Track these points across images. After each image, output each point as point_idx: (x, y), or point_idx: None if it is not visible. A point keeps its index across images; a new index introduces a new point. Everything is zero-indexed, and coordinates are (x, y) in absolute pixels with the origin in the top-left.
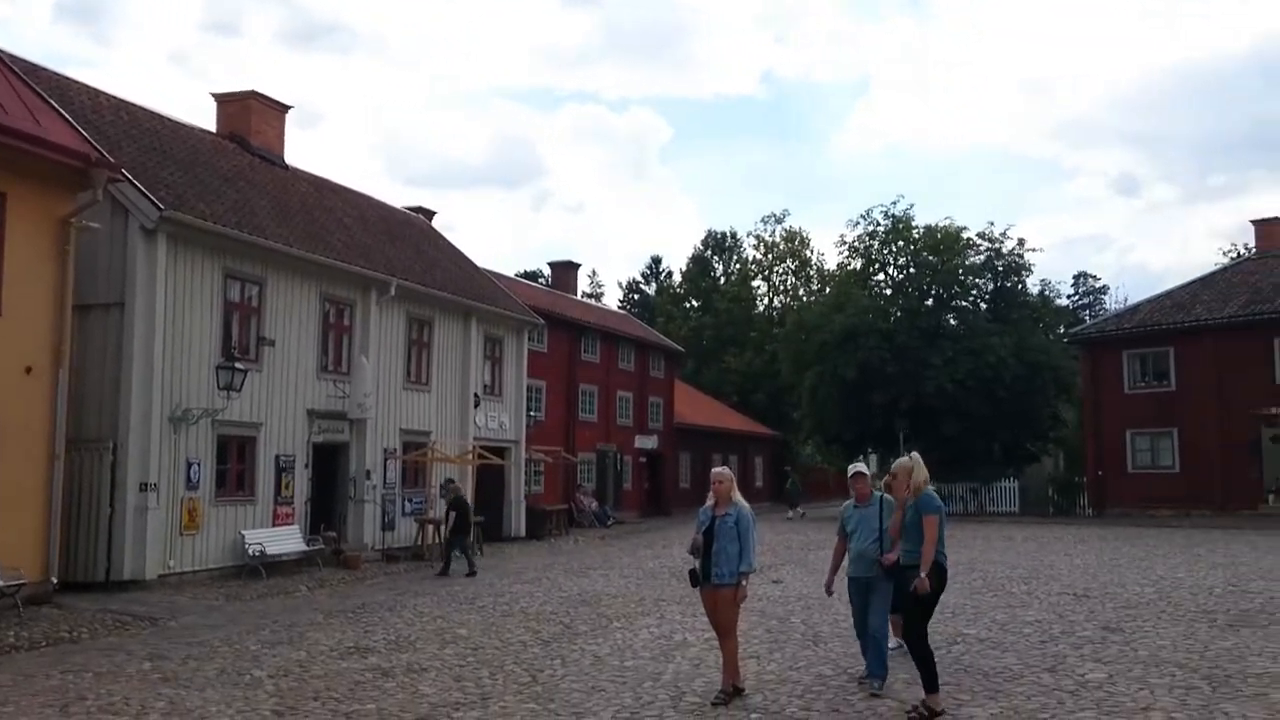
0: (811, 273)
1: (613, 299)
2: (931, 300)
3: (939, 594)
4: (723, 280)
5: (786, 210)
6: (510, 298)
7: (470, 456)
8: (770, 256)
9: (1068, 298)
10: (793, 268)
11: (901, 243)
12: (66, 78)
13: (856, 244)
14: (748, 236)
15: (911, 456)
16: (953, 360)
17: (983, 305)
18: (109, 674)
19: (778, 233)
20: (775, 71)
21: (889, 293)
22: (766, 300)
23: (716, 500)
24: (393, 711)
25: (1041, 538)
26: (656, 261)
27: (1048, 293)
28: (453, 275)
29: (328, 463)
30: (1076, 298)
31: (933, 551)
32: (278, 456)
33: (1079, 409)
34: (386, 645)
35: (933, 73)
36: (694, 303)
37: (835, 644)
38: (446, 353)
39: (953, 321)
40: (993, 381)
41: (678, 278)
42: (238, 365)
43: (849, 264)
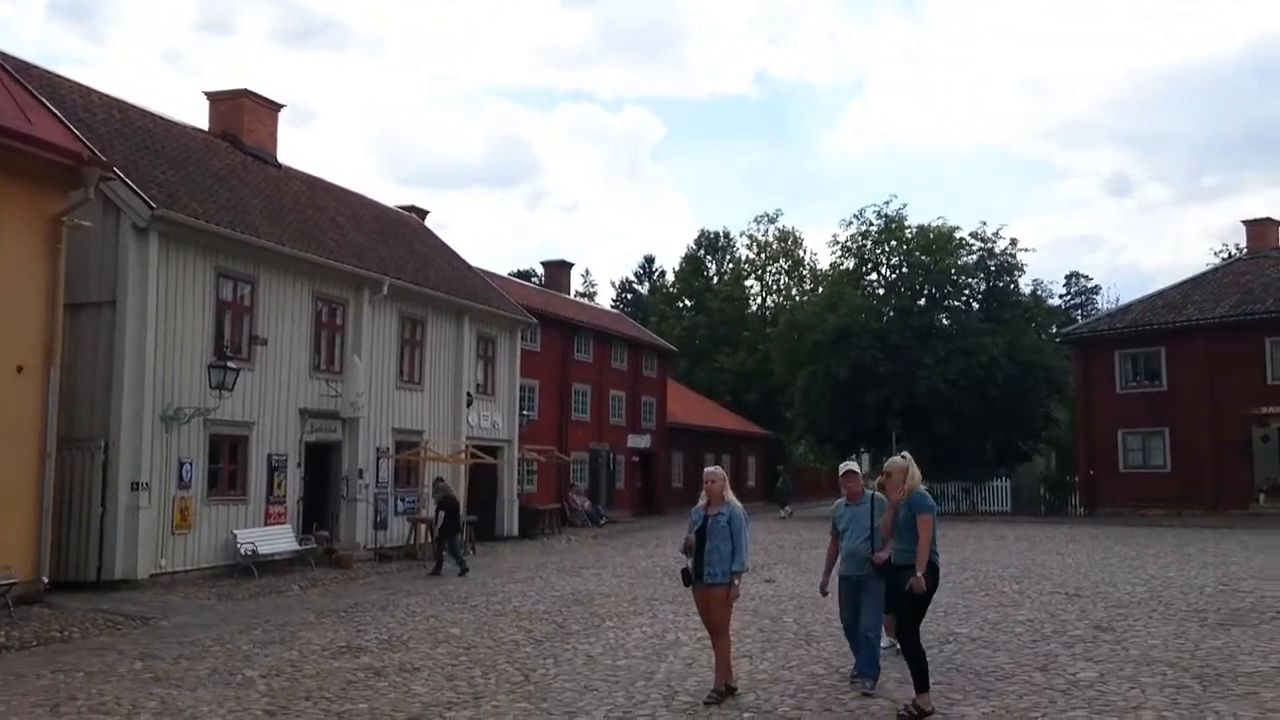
0: (804, 272)
1: (606, 298)
2: (924, 300)
3: (932, 593)
4: (716, 280)
5: (780, 210)
6: (503, 297)
7: (463, 456)
8: (763, 256)
9: (1060, 298)
10: (786, 267)
11: (894, 242)
12: (58, 76)
13: (849, 244)
14: (741, 236)
15: (904, 456)
16: (945, 360)
17: (975, 305)
18: (100, 674)
19: (771, 232)
20: (769, 72)
21: (882, 292)
22: (759, 300)
23: (709, 499)
24: (385, 711)
25: (1033, 537)
26: (650, 261)
27: (1040, 293)
28: (446, 274)
29: (320, 462)
30: (1069, 298)
31: (928, 551)
32: (270, 455)
33: (1071, 409)
34: (379, 644)
35: (926, 73)
36: (687, 302)
37: (828, 643)
38: (439, 352)
39: (945, 321)
40: (985, 381)
41: (671, 277)
42: (230, 364)
43: (842, 264)
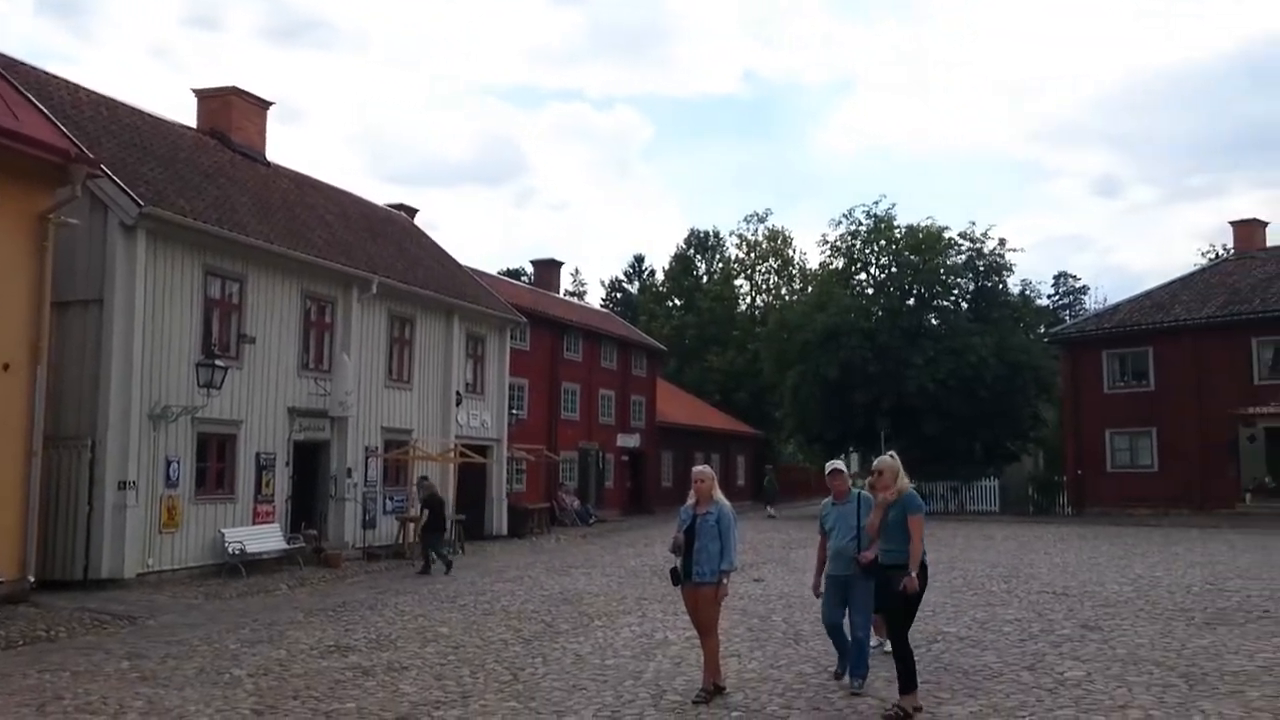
0: (794, 272)
1: (595, 297)
2: (913, 300)
3: (922, 593)
4: (705, 279)
5: (769, 209)
6: (492, 296)
7: (452, 455)
8: (753, 255)
9: (1048, 298)
10: (775, 267)
11: (883, 242)
12: (46, 73)
13: (838, 243)
14: (730, 235)
15: (892, 456)
16: (934, 360)
17: (964, 305)
18: (86, 673)
19: (760, 232)
20: (757, 71)
21: (871, 292)
22: (749, 299)
23: (698, 499)
24: (373, 710)
25: (1021, 536)
26: (639, 260)
27: (1028, 293)
28: (435, 273)
29: (308, 461)
30: (1057, 298)
31: (920, 551)
32: (258, 454)
33: (1059, 408)
34: (367, 644)
35: (915, 73)
36: (676, 301)
37: (816, 642)
38: (428, 351)
39: (934, 321)
40: (974, 381)
41: (660, 276)
42: (218, 362)
43: (831, 263)
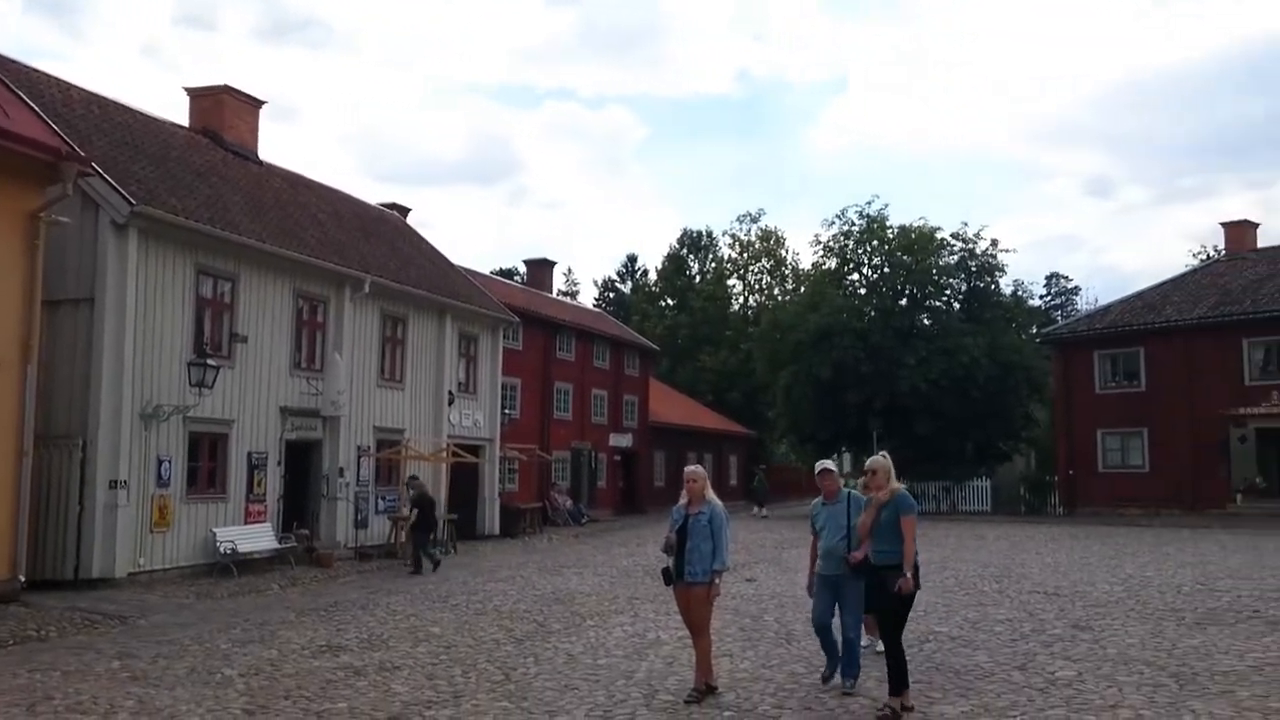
0: (786, 272)
1: (588, 297)
2: (905, 300)
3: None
4: (698, 279)
5: (762, 209)
6: (485, 295)
7: (444, 454)
8: (745, 255)
9: (1040, 298)
10: (768, 267)
11: (876, 242)
12: (37, 70)
13: (831, 244)
14: (723, 235)
15: (884, 456)
16: (926, 360)
17: (956, 305)
18: (77, 673)
19: (753, 232)
20: (750, 71)
21: (863, 292)
22: (742, 299)
23: (690, 498)
24: (365, 710)
25: (1013, 536)
26: (632, 260)
27: (1021, 293)
28: (427, 272)
29: (300, 460)
30: (1049, 298)
31: (914, 552)
32: (250, 454)
33: (1051, 409)
34: (359, 643)
35: (908, 73)
36: (669, 301)
37: (808, 642)
38: (421, 350)
39: (926, 321)
40: (966, 381)
41: (653, 276)
42: (210, 362)
43: (824, 263)
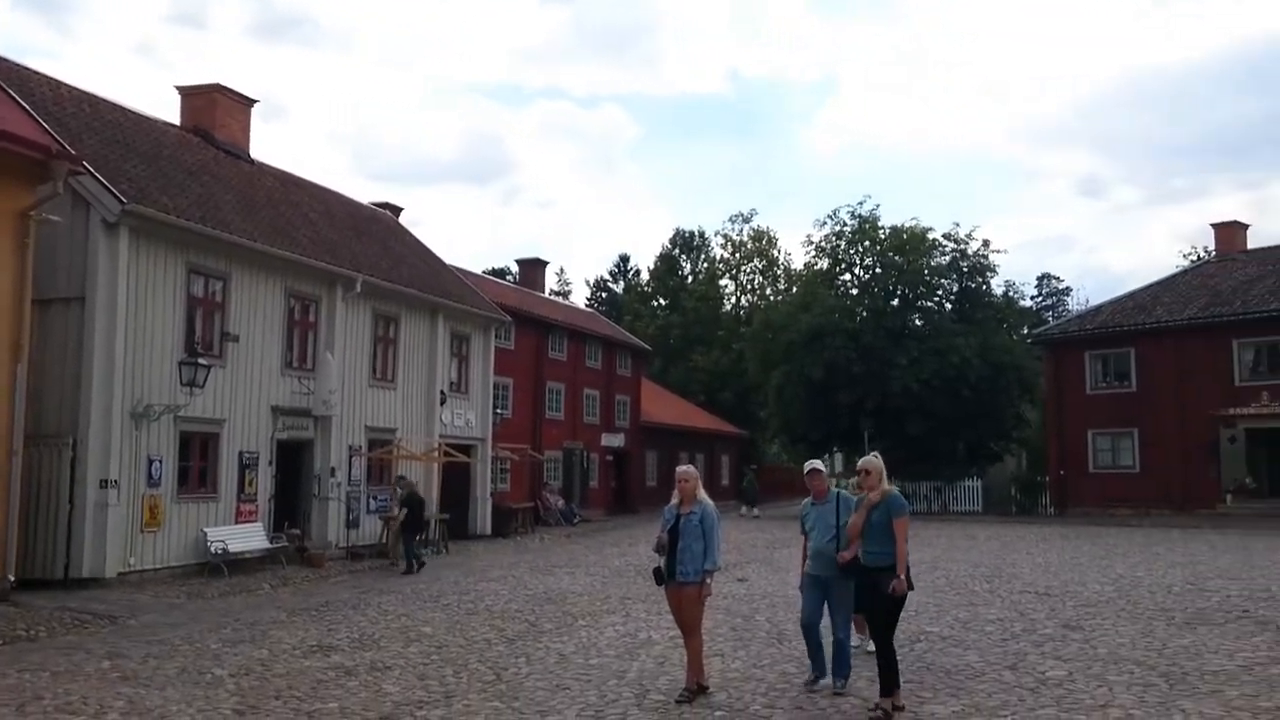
0: (779, 272)
1: (580, 297)
2: (897, 300)
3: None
4: (690, 279)
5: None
6: (477, 295)
7: (436, 454)
8: (738, 256)
9: (1031, 299)
10: (760, 267)
11: (868, 243)
12: (27, 68)
13: (823, 244)
14: (715, 235)
15: (877, 456)
16: (918, 360)
17: (948, 306)
18: (67, 673)
19: (745, 232)
20: (742, 70)
21: (855, 293)
22: (734, 299)
23: (682, 498)
24: (356, 710)
25: (1004, 537)
26: (624, 260)
27: (1012, 293)
28: (419, 272)
29: (292, 460)
30: (1040, 299)
31: (906, 553)
32: (241, 453)
33: (1042, 409)
34: (350, 643)
35: (901, 74)
36: (661, 301)
37: (799, 642)
38: (412, 350)
39: (918, 322)
40: (957, 381)
41: (645, 276)
42: (201, 361)
43: (816, 264)
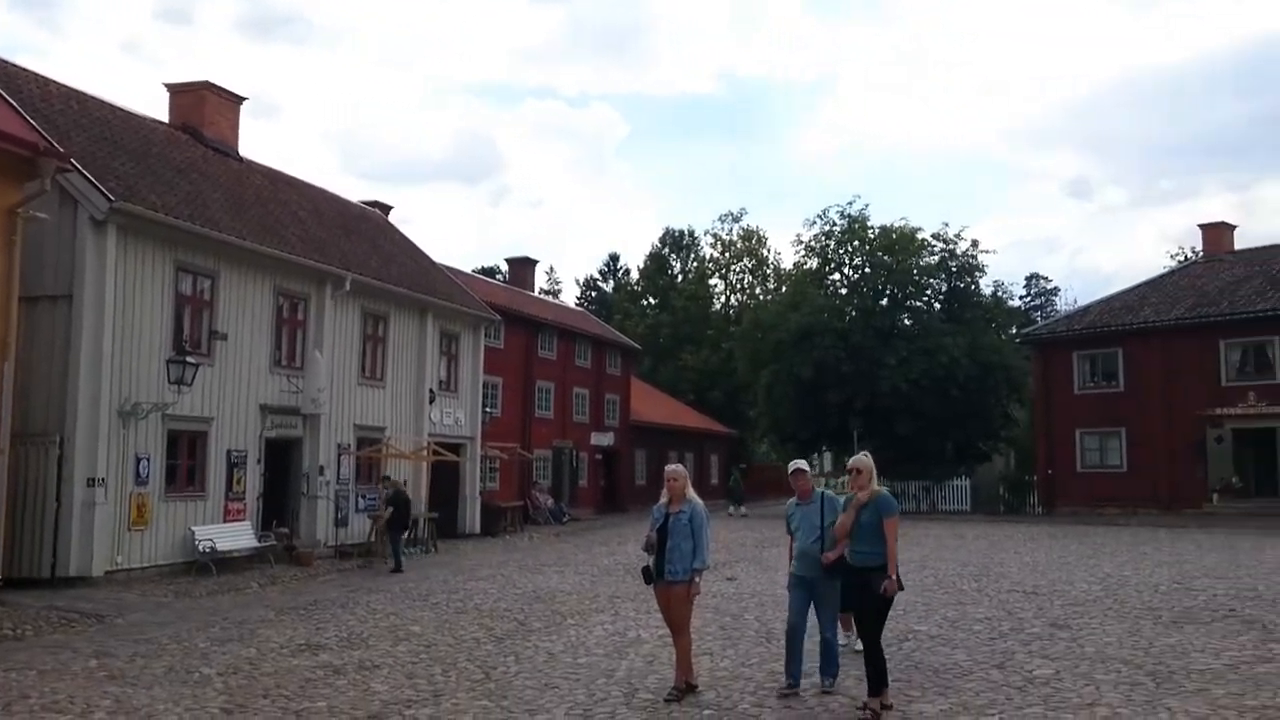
0: (768, 271)
1: (570, 296)
2: (886, 300)
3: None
4: (680, 278)
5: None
6: (467, 293)
7: (425, 453)
8: (727, 255)
9: (1020, 299)
10: (750, 266)
11: (857, 243)
12: (15, 65)
13: (813, 244)
14: (705, 235)
15: (867, 455)
16: (907, 360)
17: (937, 305)
18: (53, 671)
19: (735, 231)
20: (735, 70)
21: (844, 292)
22: (723, 299)
23: (671, 497)
24: (344, 709)
25: (992, 536)
26: (614, 259)
27: (1000, 294)
28: (409, 270)
29: (280, 458)
30: (1029, 299)
31: (896, 553)
32: (229, 451)
33: (1030, 409)
34: (338, 642)
35: (892, 74)
36: (651, 300)
37: None
38: (402, 348)
39: (907, 321)
40: (946, 381)
41: (635, 275)
42: (189, 359)
43: (805, 263)
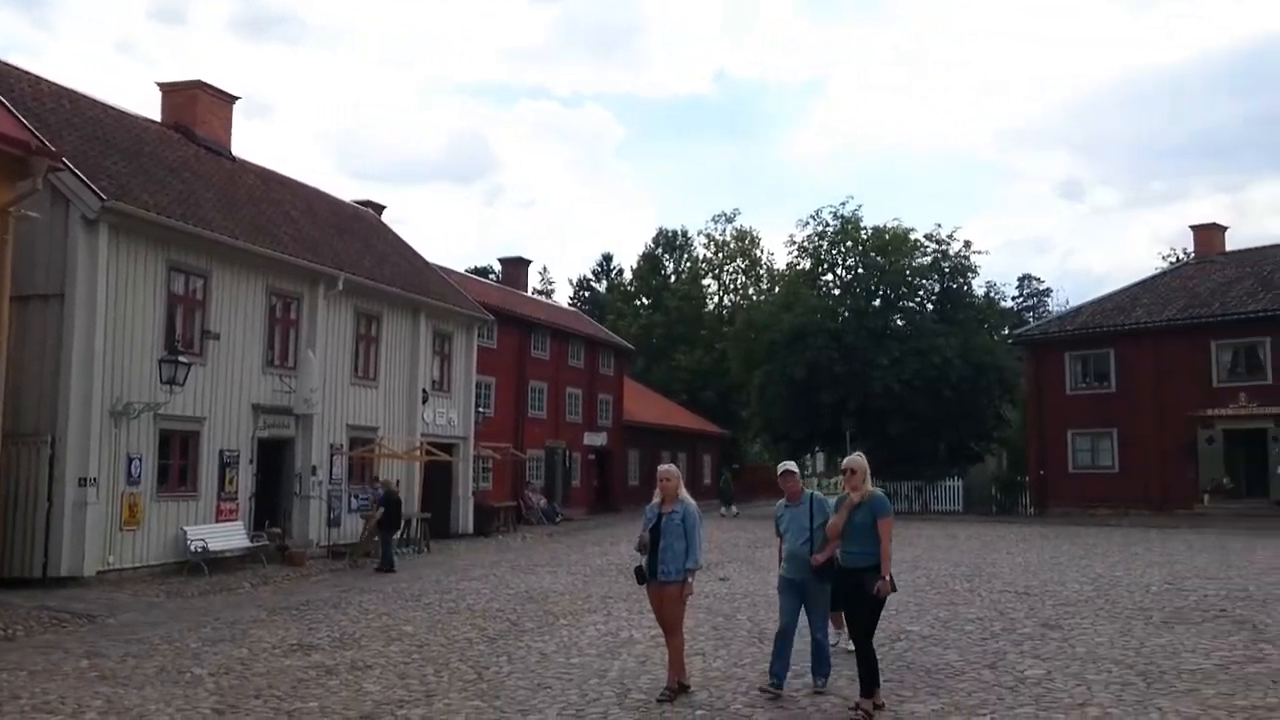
0: (761, 272)
1: (563, 296)
2: (879, 301)
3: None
4: (673, 279)
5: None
6: (460, 293)
7: (418, 453)
8: (721, 255)
9: (1012, 299)
10: (743, 267)
11: (850, 243)
12: (6, 64)
13: (806, 244)
14: (698, 235)
15: (861, 455)
16: (899, 360)
17: (929, 306)
18: (44, 672)
19: (728, 232)
20: (728, 71)
21: (837, 293)
22: (716, 299)
23: (663, 498)
24: (336, 709)
25: (984, 536)
26: (608, 259)
27: (993, 294)
28: (402, 270)
29: (273, 458)
30: (1021, 299)
31: (890, 553)
32: (222, 451)
33: (1022, 409)
34: (330, 642)
35: (885, 75)
36: (644, 300)
37: None
38: (395, 348)
39: (900, 322)
40: (938, 381)
41: (628, 275)
42: (181, 359)
43: (798, 264)
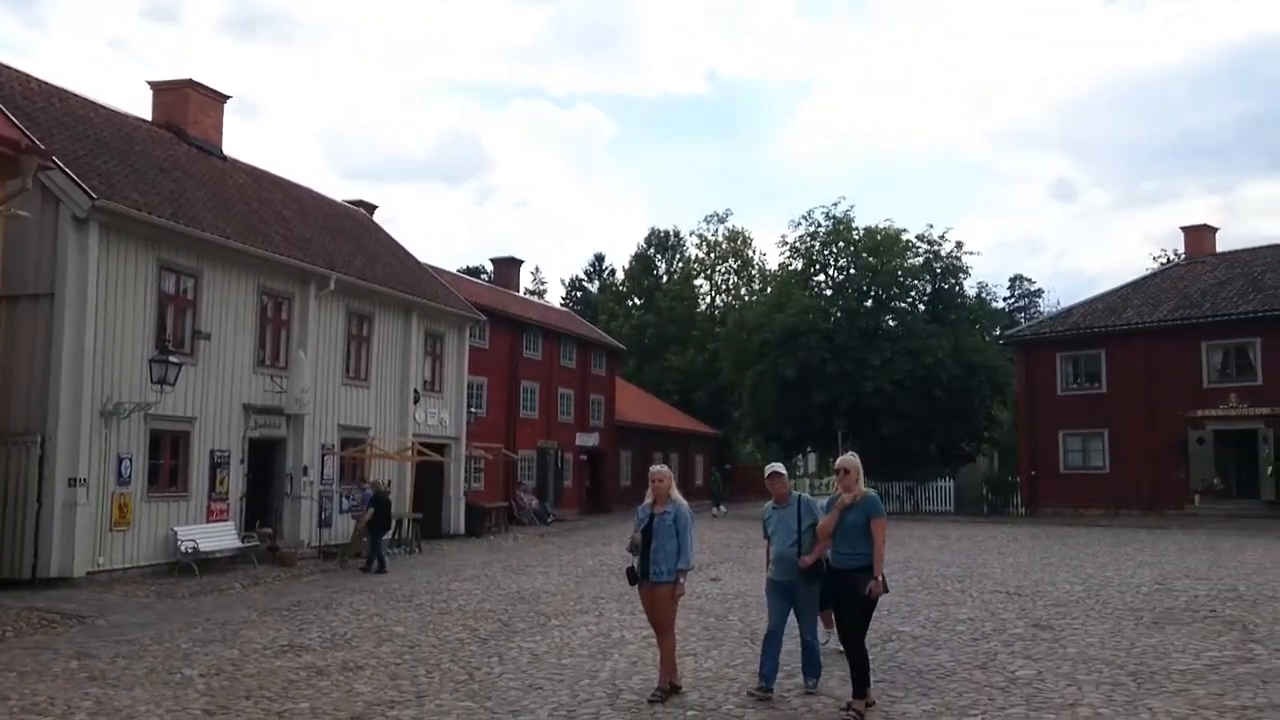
0: (753, 272)
1: (555, 296)
2: (871, 301)
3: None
4: (665, 279)
5: (729, 210)
6: (451, 293)
7: (409, 453)
8: (713, 256)
9: (1004, 300)
10: (735, 267)
11: (842, 244)
12: None
13: (798, 244)
14: (690, 235)
15: (854, 455)
16: (891, 361)
17: (921, 306)
18: (34, 673)
19: (720, 232)
20: (721, 71)
21: (829, 293)
22: (708, 299)
23: (655, 498)
24: (327, 710)
25: (975, 536)
26: (599, 259)
27: (985, 295)
28: (394, 270)
29: (264, 458)
30: (1012, 300)
31: (883, 554)
32: (213, 452)
33: (1013, 410)
34: (321, 643)
35: (878, 76)
36: (636, 301)
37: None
38: (386, 348)
39: (891, 322)
40: (930, 382)
41: (620, 275)
42: (172, 359)
43: (790, 264)
